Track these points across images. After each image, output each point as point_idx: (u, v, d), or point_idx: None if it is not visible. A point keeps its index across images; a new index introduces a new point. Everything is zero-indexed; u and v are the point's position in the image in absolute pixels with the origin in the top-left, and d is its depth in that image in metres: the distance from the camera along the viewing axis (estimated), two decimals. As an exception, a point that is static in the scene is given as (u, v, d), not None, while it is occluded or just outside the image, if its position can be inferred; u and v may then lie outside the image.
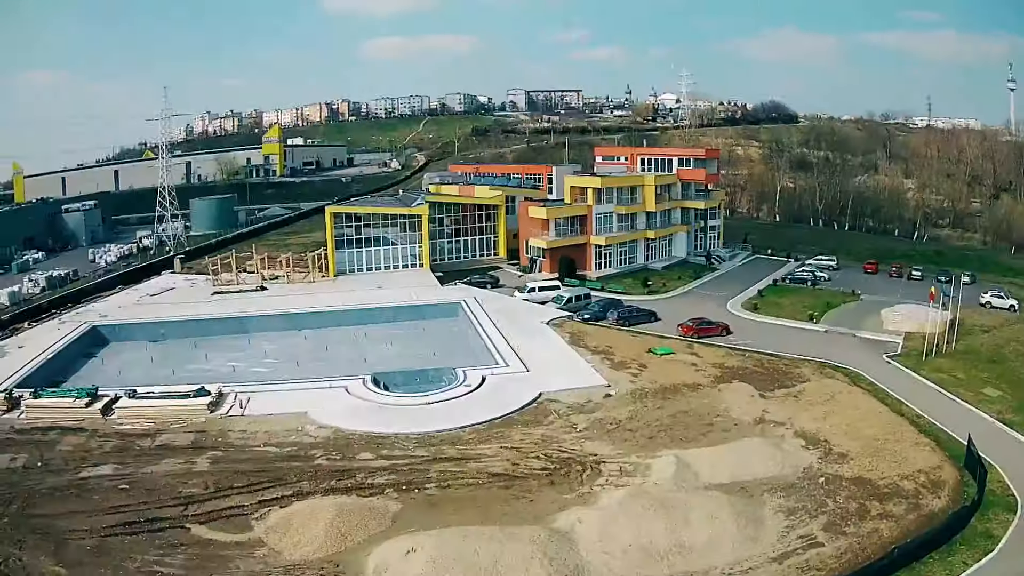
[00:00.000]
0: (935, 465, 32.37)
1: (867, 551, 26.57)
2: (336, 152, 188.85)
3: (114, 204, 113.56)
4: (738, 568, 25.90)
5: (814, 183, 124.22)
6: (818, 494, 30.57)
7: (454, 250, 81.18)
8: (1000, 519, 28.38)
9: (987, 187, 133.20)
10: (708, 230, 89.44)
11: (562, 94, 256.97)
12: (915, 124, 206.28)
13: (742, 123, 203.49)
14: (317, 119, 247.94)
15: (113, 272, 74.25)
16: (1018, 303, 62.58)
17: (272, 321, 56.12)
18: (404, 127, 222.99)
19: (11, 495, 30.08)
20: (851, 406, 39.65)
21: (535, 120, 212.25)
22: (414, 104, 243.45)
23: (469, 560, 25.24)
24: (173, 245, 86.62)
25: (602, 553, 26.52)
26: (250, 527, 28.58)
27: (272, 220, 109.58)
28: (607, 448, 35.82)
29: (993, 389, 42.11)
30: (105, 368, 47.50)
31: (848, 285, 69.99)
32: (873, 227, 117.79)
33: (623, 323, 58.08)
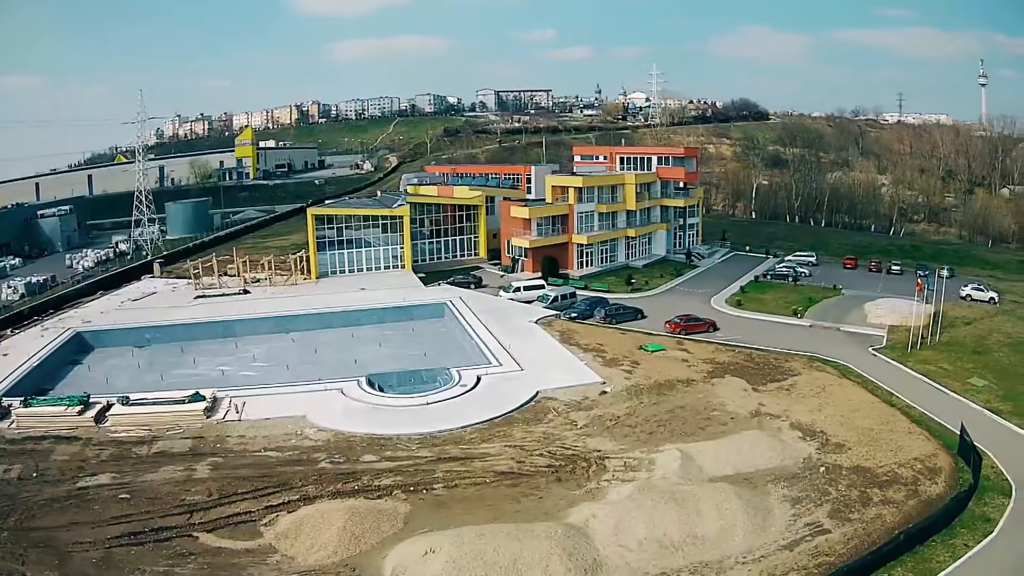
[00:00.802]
0: (930, 453, 33.84)
1: (872, 536, 27.69)
2: (307, 154, 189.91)
3: (88, 209, 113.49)
4: (751, 557, 26.73)
5: (790, 180, 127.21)
6: (820, 483, 31.70)
7: (434, 251, 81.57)
8: (996, 503, 29.82)
9: (962, 182, 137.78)
10: (687, 228, 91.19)
11: (532, 94, 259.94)
12: (886, 120, 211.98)
13: (713, 121, 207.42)
14: (287, 121, 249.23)
15: (92, 277, 73.54)
16: (998, 296, 65.23)
17: (258, 324, 55.76)
18: (374, 128, 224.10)
19: (8, 508, 29.43)
20: (843, 398, 41.11)
21: (506, 120, 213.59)
22: (384, 105, 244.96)
23: (489, 559, 25.56)
24: (150, 249, 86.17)
25: (618, 547, 27.12)
26: (259, 533, 28.44)
27: (248, 223, 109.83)
28: (609, 444, 36.50)
29: (979, 379, 44.00)
30: (92, 375, 46.76)
31: (828, 280, 72.12)
32: (849, 223, 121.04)
33: (610, 321, 59.01)
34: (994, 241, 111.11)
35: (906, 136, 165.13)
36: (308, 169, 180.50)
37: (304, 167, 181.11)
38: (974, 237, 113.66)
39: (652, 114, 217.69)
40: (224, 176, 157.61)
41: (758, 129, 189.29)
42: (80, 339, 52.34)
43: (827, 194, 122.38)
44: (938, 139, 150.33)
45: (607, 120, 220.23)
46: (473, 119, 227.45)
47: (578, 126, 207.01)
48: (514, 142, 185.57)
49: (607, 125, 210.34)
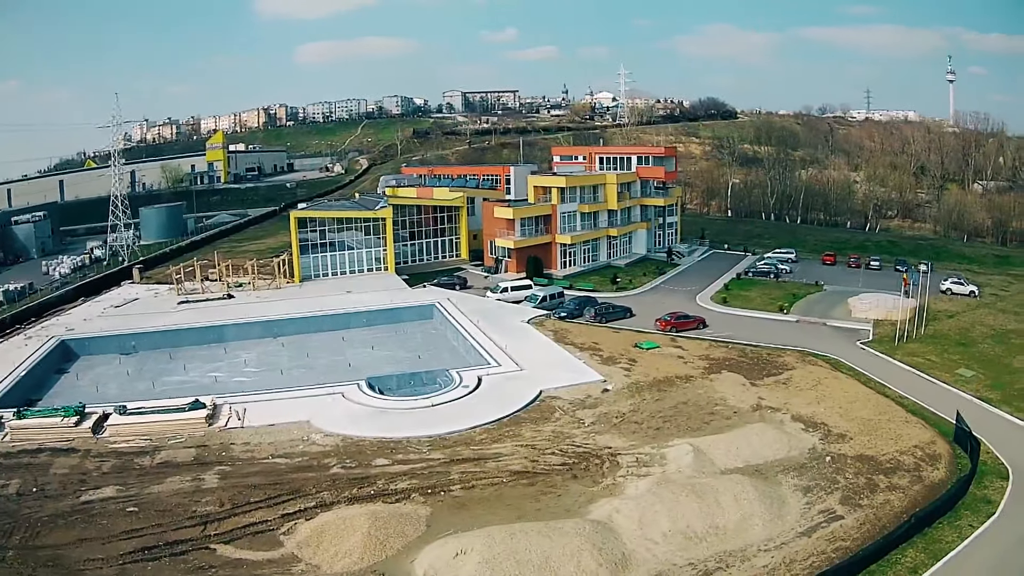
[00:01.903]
0: (928, 440, 35.64)
1: (883, 521, 29.16)
2: (276, 158, 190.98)
3: (61, 215, 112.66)
4: (772, 544, 27.88)
5: (765, 178, 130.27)
6: (828, 472, 33.13)
7: (416, 252, 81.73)
8: (996, 486, 31.64)
9: (935, 178, 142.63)
10: (666, 227, 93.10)
11: (498, 95, 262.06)
12: (854, 117, 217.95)
13: (682, 120, 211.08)
14: (255, 125, 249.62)
15: (70, 284, 72.64)
16: (978, 289, 68.24)
17: (246, 329, 55.45)
18: (342, 131, 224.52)
19: (11, 525, 28.83)
20: (839, 390, 42.83)
21: (473, 121, 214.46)
22: (351, 108, 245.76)
23: (521, 557, 26.11)
24: (127, 255, 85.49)
25: (644, 540, 27.98)
26: (279, 543, 28.34)
27: (222, 227, 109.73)
28: (619, 441, 37.41)
29: (966, 369, 46.29)
30: (80, 384, 45.99)
31: (810, 277, 74.58)
32: (825, 220, 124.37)
33: (600, 320, 60.10)
34: (969, 236, 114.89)
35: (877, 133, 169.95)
36: (277, 172, 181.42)
37: (273, 170, 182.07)
38: (949, 232, 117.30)
39: (620, 114, 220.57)
40: (195, 180, 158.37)
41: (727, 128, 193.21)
42: (65, 347, 51.41)
43: (802, 192, 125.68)
44: (909, 136, 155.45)
45: (575, 120, 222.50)
46: (441, 120, 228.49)
47: (547, 126, 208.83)
48: (484, 143, 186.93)
49: (575, 125, 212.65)
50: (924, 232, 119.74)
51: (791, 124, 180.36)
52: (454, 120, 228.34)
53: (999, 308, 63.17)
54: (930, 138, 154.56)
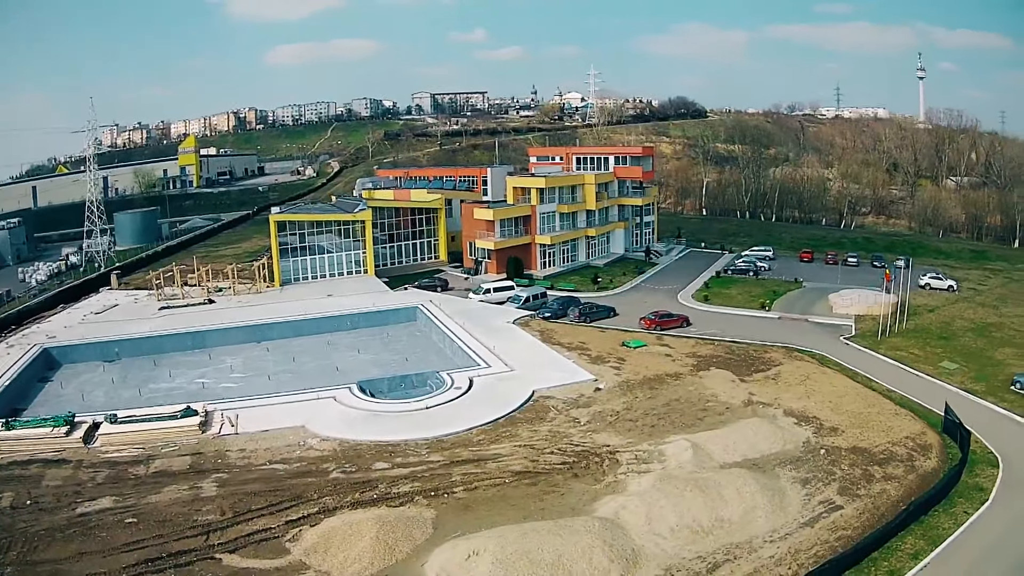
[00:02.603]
0: (919, 432, 37.04)
1: (880, 510, 30.28)
2: (247, 161, 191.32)
3: (34, 221, 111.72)
4: (776, 535, 28.72)
5: (739, 176, 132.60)
6: (823, 464, 34.19)
7: (393, 255, 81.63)
8: (987, 474, 33.07)
9: (908, 175, 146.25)
10: (644, 226, 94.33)
11: (467, 96, 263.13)
12: (823, 115, 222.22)
13: (652, 120, 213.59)
14: (225, 128, 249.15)
15: (48, 291, 71.55)
16: (956, 283, 70.62)
17: (229, 334, 54.96)
18: (312, 134, 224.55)
19: (7, 540, 28.16)
20: (827, 385, 44.14)
21: (443, 122, 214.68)
22: (320, 110, 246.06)
23: (534, 557, 26.45)
24: (103, 261, 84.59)
25: (652, 535, 28.58)
26: (286, 550, 28.17)
27: (196, 232, 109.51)
28: (616, 439, 38.00)
29: (950, 362, 48.07)
30: (65, 392, 45.14)
31: (788, 274, 76.37)
32: (800, 217, 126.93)
33: (584, 319, 60.81)
34: (944, 232, 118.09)
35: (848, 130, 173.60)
36: (248, 176, 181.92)
37: (244, 174, 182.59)
38: (924, 228, 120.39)
39: (590, 114, 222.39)
40: (168, 185, 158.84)
41: (697, 127, 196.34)
42: (47, 355, 50.42)
43: (777, 190, 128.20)
44: (881, 133, 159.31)
45: (545, 121, 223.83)
46: (410, 122, 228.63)
47: (517, 127, 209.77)
48: (455, 144, 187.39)
49: (545, 126, 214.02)
50: (899, 228, 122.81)
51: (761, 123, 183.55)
52: (424, 122, 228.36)
53: (978, 302, 65.48)
54: (903, 135, 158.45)
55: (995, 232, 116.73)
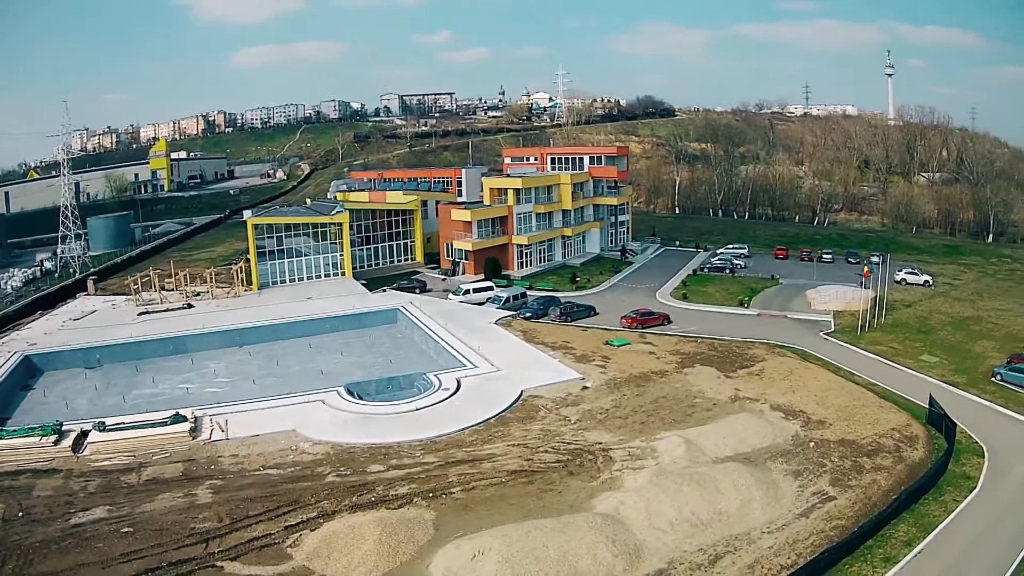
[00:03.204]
0: (904, 423, 38.39)
1: (872, 499, 31.38)
2: (217, 165, 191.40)
3: (7, 227, 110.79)
4: (773, 526, 29.57)
5: (711, 175, 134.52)
6: (814, 457, 35.21)
7: (369, 257, 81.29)
8: (973, 463, 34.50)
9: (880, 171, 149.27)
10: (618, 225, 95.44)
11: (435, 97, 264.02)
12: (792, 112, 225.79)
13: (620, 119, 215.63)
14: (195, 132, 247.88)
15: (24, 297, 70.52)
16: (932, 279, 72.84)
17: (210, 339, 54.32)
18: (281, 136, 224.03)
19: (1, 553, 27.48)
20: (812, 380, 45.39)
21: (412, 124, 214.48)
22: (289, 113, 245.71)
23: (539, 554, 26.81)
24: (78, 266, 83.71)
25: (653, 530, 29.16)
26: (288, 556, 28.00)
27: (170, 236, 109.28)
28: (607, 436, 38.57)
29: (929, 356, 49.83)
30: (49, 400, 44.23)
31: (764, 271, 78.05)
32: (773, 215, 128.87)
33: (565, 319, 61.45)
34: (918, 228, 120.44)
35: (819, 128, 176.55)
36: (218, 180, 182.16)
37: (215, 178, 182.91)
38: (897, 224, 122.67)
39: (558, 114, 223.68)
40: (139, 189, 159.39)
41: (666, 126, 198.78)
42: (28, 362, 49.36)
43: (749, 188, 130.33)
44: (852, 130, 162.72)
45: (513, 121, 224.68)
46: (379, 124, 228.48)
47: (486, 128, 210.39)
48: (424, 146, 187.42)
49: (514, 126, 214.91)
50: (872, 224, 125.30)
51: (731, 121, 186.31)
52: (393, 123, 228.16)
53: (954, 297, 67.77)
54: (874, 132, 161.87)
55: (968, 227, 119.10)
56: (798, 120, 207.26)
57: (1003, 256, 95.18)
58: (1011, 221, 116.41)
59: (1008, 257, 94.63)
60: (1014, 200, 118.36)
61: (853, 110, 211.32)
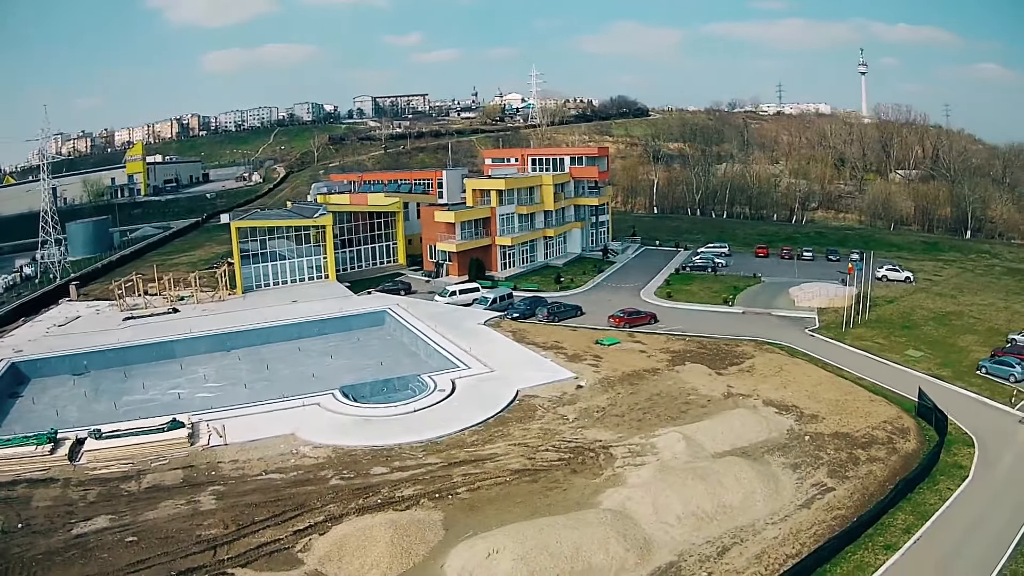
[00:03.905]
0: (895, 416, 39.67)
1: (870, 489, 32.44)
2: (192, 168, 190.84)
3: None
4: (777, 518, 30.42)
5: (689, 175, 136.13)
6: (810, 450, 36.24)
7: (351, 259, 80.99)
8: (964, 453, 35.82)
9: (857, 169, 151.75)
10: (599, 225, 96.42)
11: (408, 99, 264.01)
12: (764, 111, 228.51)
13: (594, 119, 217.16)
14: (169, 135, 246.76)
15: (6, 304, 69.23)
16: (912, 275, 74.65)
17: (198, 343, 53.97)
18: (255, 139, 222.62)
19: (3, 567, 26.98)
20: (801, 375, 46.56)
21: (385, 126, 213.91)
22: (263, 116, 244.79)
23: (553, 550, 27.24)
24: (58, 272, 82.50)
25: (660, 524, 29.79)
26: (299, 561, 27.93)
27: (148, 240, 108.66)
28: (606, 434, 39.18)
29: (915, 350, 51.34)
30: (38, 408, 43.55)
31: (746, 269, 79.46)
32: (751, 214, 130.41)
33: (553, 319, 62.06)
34: (896, 224, 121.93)
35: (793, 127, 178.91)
36: (193, 183, 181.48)
37: (190, 181, 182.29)
38: (875, 222, 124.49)
39: (532, 114, 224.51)
40: (116, 193, 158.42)
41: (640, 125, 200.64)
42: (15, 370, 48.50)
43: (727, 187, 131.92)
44: (827, 129, 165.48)
45: (487, 122, 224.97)
46: (353, 126, 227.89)
47: (460, 129, 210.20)
48: (399, 148, 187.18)
49: (488, 127, 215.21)
50: (850, 222, 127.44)
51: (704, 120, 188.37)
52: (367, 125, 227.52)
53: (935, 292, 69.54)
54: (850, 130, 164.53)
55: (946, 224, 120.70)
56: (772, 119, 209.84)
57: (982, 252, 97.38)
58: (988, 217, 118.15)
59: (987, 253, 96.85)
60: (991, 196, 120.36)
61: (826, 108, 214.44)
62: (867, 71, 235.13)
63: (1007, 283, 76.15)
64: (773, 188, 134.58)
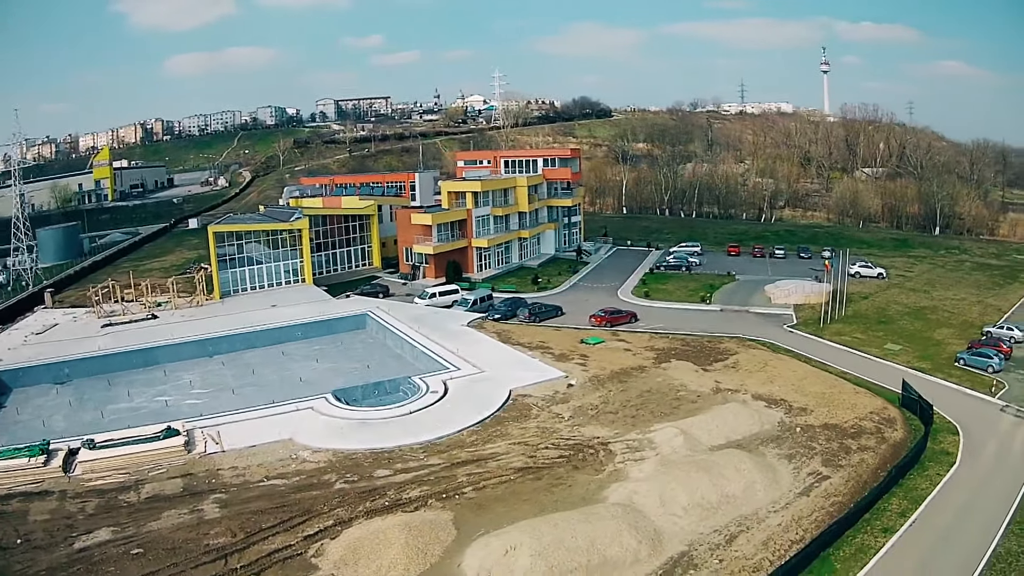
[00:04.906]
0: (880, 407, 41.34)
1: (863, 476, 33.88)
2: (156, 173, 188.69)
3: None
4: (778, 506, 31.58)
5: (658, 175, 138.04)
6: (802, 441, 37.53)
7: (326, 263, 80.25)
8: (949, 440, 37.59)
9: (823, 168, 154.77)
10: (571, 226, 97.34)
11: (371, 102, 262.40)
12: (726, 111, 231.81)
13: (557, 120, 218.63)
14: (133, 140, 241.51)
15: None
16: (885, 271, 76.94)
17: (180, 350, 53.15)
18: (219, 144, 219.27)
19: (6, 584, 26.37)
20: (786, 370, 48.04)
21: (349, 129, 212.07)
22: (226, 120, 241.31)
23: (569, 544, 27.80)
24: (31, 279, 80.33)
25: (668, 515, 30.63)
26: (313, 566, 27.87)
27: (118, 246, 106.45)
28: (603, 430, 39.89)
29: (893, 344, 53.34)
30: (22, 419, 42.31)
31: (719, 268, 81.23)
32: (719, 213, 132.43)
33: (534, 319, 62.65)
34: (864, 222, 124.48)
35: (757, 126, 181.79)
36: (159, 188, 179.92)
37: (155, 186, 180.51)
38: (843, 219, 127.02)
39: (495, 116, 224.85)
40: (83, 199, 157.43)
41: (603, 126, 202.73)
42: None
43: (696, 187, 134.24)
44: (793, 128, 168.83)
45: (450, 124, 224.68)
46: (317, 129, 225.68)
47: (424, 131, 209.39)
48: (364, 150, 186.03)
49: (451, 129, 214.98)
50: (819, 220, 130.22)
51: (666, 120, 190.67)
52: (330, 129, 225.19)
53: (908, 288, 72.02)
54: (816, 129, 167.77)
55: (915, 220, 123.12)
56: (734, 118, 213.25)
57: (951, 248, 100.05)
58: (957, 214, 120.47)
59: (956, 249, 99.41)
60: (959, 193, 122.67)
61: (788, 107, 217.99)
62: (829, 69, 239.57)
63: (978, 278, 79.09)
64: (740, 187, 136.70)
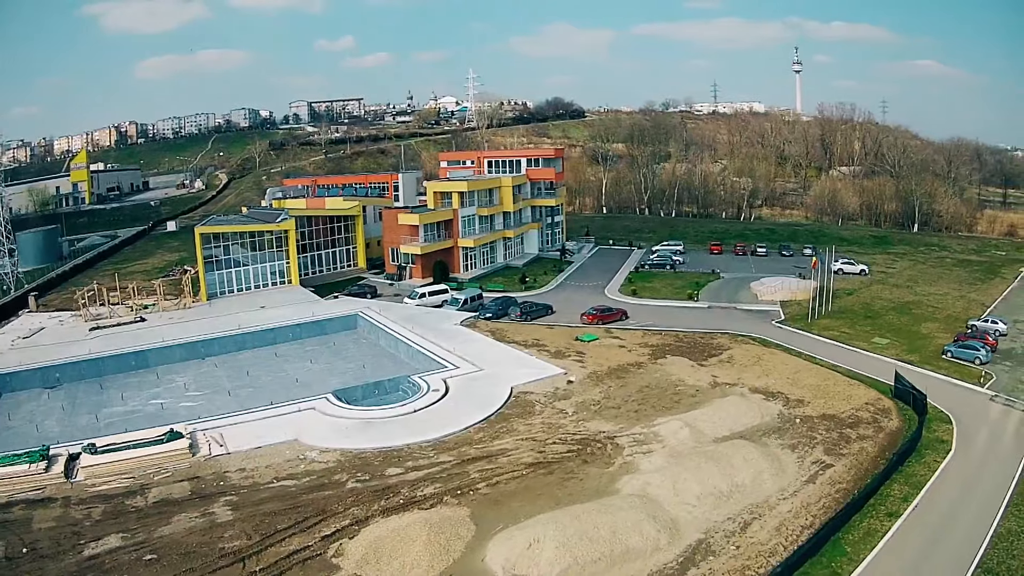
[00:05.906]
0: (874, 398, 42.52)
1: (864, 464, 34.86)
2: (132, 176, 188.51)
3: None
4: (786, 493, 32.34)
5: (637, 175, 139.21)
6: (803, 431, 38.46)
7: (311, 264, 79.79)
8: (944, 429, 38.80)
9: (800, 167, 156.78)
10: (555, 226, 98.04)
11: (344, 103, 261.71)
12: (699, 111, 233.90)
13: (531, 121, 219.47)
14: (108, 143, 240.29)
15: None
16: (867, 268, 78.69)
17: (171, 352, 52.51)
18: (193, 146, 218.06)
19: (15, 597, 25.74)
20: (780, 364, 49.09)
21: (324, 131, 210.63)
22: (200, 122, 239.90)
23: (592, 535, 28.16)
24: (12, 283, 78.82)
25: (682, 504, 31.18)
26: (335, 566, 27.62)
27: (99, 249, 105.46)
28: (608, 425, 40.37)
29: (880, 338, 54.79)
30: (15, 424, 41.31)
31: (703, 266, 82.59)
32: (699, 212, 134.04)
33: (526, 318, 63.06)
34: (843, 220, 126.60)
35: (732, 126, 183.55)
36: (135, 191, 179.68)
37: (131, 189, 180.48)
38: (821, 217, 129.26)
39: (468, 117, 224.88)
40: (61, 203, 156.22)
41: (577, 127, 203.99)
42: None
43: (676, 186, 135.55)
44: (768, 127, 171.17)
45: (424, 125, 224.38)
46: (291, 131, 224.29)
47: (398, 133, 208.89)
48: (340, 152, 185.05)
49: (425, 131, 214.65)
50: (797, 218, 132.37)
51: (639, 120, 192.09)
52: (304, 131, 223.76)
53: (892, 284, 73.83)
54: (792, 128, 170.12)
55: (893, 218, 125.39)
56: (707, 118, 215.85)
57: (931, 245, 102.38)
58: (935, 211, 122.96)
59: (935, 245, 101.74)
60: (936, 191, 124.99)
61: (761, 107, 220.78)
62: (802, 69, 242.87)
63: (959, 274, 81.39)
64: (718, 187, 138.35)
